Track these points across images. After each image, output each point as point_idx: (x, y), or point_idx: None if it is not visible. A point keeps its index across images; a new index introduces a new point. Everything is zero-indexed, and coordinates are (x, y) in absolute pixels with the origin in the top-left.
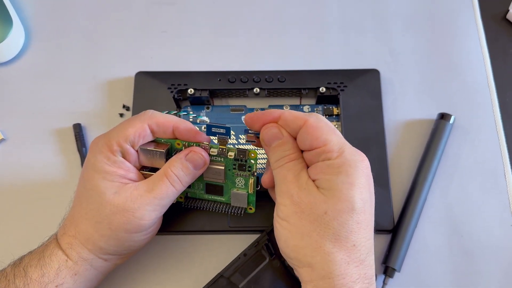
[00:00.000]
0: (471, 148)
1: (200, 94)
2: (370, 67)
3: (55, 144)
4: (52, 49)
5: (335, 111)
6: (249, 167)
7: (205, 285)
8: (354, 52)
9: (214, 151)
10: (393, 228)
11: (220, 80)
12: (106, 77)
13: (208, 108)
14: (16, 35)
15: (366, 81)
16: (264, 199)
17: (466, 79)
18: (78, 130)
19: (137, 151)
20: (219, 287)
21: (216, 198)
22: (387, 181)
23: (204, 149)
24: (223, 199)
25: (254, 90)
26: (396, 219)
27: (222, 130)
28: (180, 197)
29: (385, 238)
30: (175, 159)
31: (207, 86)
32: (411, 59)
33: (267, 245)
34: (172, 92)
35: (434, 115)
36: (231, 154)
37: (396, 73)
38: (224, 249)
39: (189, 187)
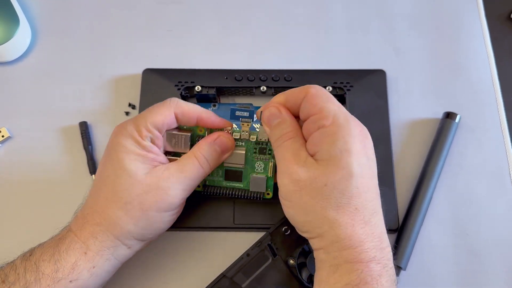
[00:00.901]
0: (477, 147)
1: (207, 92)
2: (375, 66)
3: (61, 142)
4: (58, 47)
5: None
6: (269, 150)
7: (208, 285)
8: (359, 52)
9: (236, 135)
10: (398, 228)
11: (227, 78)
12: (112, 76)
13: (214, 105)
14: (23, 34)
15: (372, 81)
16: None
17: (471, 78)
18: (84, 128)
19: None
20: (222, 287)
21: (234, 184)
22: (392, 180)
23: (228, 132)
24: (242, 185)
25: (261, 88)
26: (401, 219)
27: (245, 113)
28: (198, 186)
29: (390, 238)
30: (204, 143)
31: (214, 84)
32: (416, 59)
33: (270, 245)
34: (179, 89)
35: (439, 114)
36: (253, 137)
37: (401, 72)
38: (229, 246)
39: (208, 175)
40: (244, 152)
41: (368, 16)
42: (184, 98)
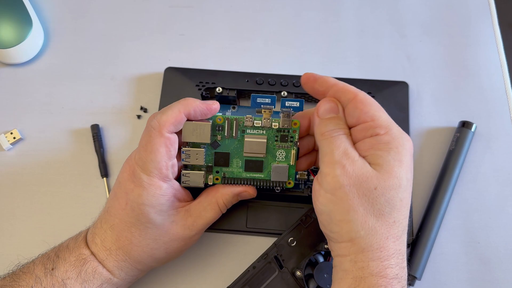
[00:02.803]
0: (490, 156)
1: (227, 94)
2: (388, 73)
3: (73, 144)
4: (70, 49)
5: None
6: (291, 137)
7: None
8: (372, 59)
9: (258, 123)
10: (411, 242)
11: (248, 81)
12: (124, 78)
13: (234, 108)
14: (36, 36)
15: (394, 92)
16: (281, 202)
17: (484, 87)
18: (96, 131)
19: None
20: None
21: (255, 175)
22: None
23: (248, 121)
24: (262, 176)
25: (282, 93)
26: (415, 228)
27: (267, 100)
28: (217, 178)
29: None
30: (228, 192)
31: (235, 86)
32: (429, 66)
33: (276, 257)
34: (200, 89)
35: (452, 123)
36: (276, 125)
37: (413, 79)
38: (241, 250)
39: (227, 166)
40: (265, 140)
41: (380, 23)
42: (204, 98)
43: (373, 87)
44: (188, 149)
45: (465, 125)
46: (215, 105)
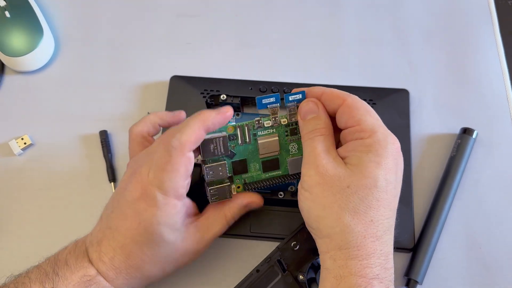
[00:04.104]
0: (492, 162)
1: (232, 101)
2: (389, 80)
3: (82, 150)
4: (80, 58)
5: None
6: None
7: None
8: (374, 66)
9: (268, 123)
10: (413, 247)
11: (251, 88)
12: (132, 85)
13: (238, 115)
14: (47, 44)
15: (396, 100)
16: (284, 207)
17: (485, 93)
18: (104, 137)
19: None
20: None
21: (273, 173)
22: (410, 199)
23: (258, 123)
24: (280, 172)
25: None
26: (417, 234)
27: (272, 99)
28: (238, 187)
29: (406, 257)
30: (236, 206)
31: (239, 94)
32: (430, 73)
33: (280, 260)
34: (204, 97)
35: (453, 129)
36: (284, 120)
37: (415, 86)
38: (244, 254)
39: (245, 172)
40: (277, 138)
41: (382, 30)
42: (209, 106)
43: (374, 95)
44: (211, 165)
45: (466, 132)
46: (228, 112)
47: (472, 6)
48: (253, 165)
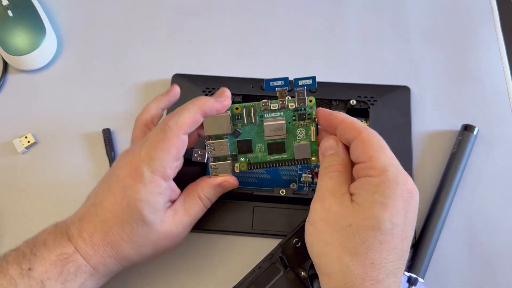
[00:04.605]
0: (493, 158)
1: (233, 99)
2: (390, 78)
3: (85, 148)
4: (83, 56)
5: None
6: (309, 114)
7: None
8: (375, 64)
9: (275, 106)
10: (414, 244)
11: (253, 86)
12: (134, 83)
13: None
14: (49, 43)
15: (396, 97)
16: (286, 204)
17: (486, 90)
18: (107, 135)
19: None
20: None
21: (278, 156)
22: None
23: (265, 105)
24: (286, 156)
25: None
26: (418, 230)
27: (280, 82)
28: (243, 166)
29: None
30: (208, 185)
31: (240, 92)
32: (432, 71)
33: (281, 257)
34: (206, 95)
35: (455, 126)
36: (292, 105)
37: (416, 84)
38: (246, 252)
39: (250, 152)
40: (284, 122)
41: (383, 28)
42: None
43: (375, 92)
44: (212, 141)
45: (467, 129)
46: (226, 101)
47: (473, 3)
48: (258, 146)
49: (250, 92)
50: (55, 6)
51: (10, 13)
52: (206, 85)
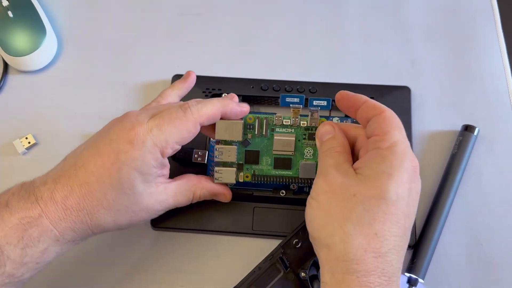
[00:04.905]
0: (493, 159)
1: None
2: (392, 78)
3: None
4: (83, 57)
5: None
6: None
7: None
8: (376, 63)
9: (287, 121)
10: (414, 245)
11: (253, 87)
12: (134, 84)
13: None
14: (49, 44)
15: (397, 97)
16: (287, 205)
17: (487, 91)
18: None
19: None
20: None
21: (283, 172)
22: None
23: (278, 119)
24: (291, 173)
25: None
26: (418, 234)
27: (296, 99)
28: (247, 176)
29: (407, 254)
30: (209, 189)
31: (240, 92)
32: (432, 70)
33: (282, 258)
34: (206, 96)
35: (455, 126)
36: (304, 123)
37: (417, 83)
38: (246, 252)
39: (256, 164)
40: (293, 139)
41: (384, 28)
42: None
43: (376, 92)
44: (221, 146)
45: (467, 129)
46: (245, 108)
47: (474, 3)
48: (265, 159)
49: (250, 93)
50: (55, 7)
51: (10, 14)
52: (206, 85)
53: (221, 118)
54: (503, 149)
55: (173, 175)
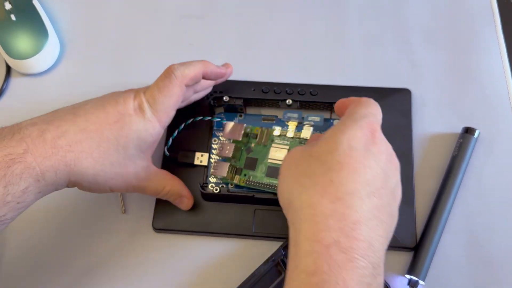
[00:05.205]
0: (493, 161)
1: (234, 102)
2: (392, 80)
3: None
4: (85, 60)
5: None
6: None
7: None
8: (376, 66)
9: (284, 133)
10: (415, 246)
11: (254, 90)
12: (136, 86)
13: (241, 116)
14: (52, 47)
15: (397, 99)
16: None
17: (487, 93)
18: None
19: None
20: None
21: (273, 181)
22: (412, 198)
23: (278, 131)
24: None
25: (287, 101)
26: (419, 233)
27: (295, 115)
28: (242, 181)
29: (407, 256)
30: (178, 190)
31: (241, 95)
32: (432, 73)
33: (283, 260)
34: (208, 98)
35: (455, 129)
36: (298, 135)
37: (417, 85)
38: (246, 254)
39: (253, 170)
40: (287, 148)
41: (384, 31)
42: (212, 107)
43: (376, 95)
44: (223, 142)
45: (468, 131)
46: (224, 70)
47: (474, 6)
48: (260, 167)
49: (251, 95)
50: (57, 10)
51: (13, 17)
52: None
53: (203, 78)
54: (503, 150)
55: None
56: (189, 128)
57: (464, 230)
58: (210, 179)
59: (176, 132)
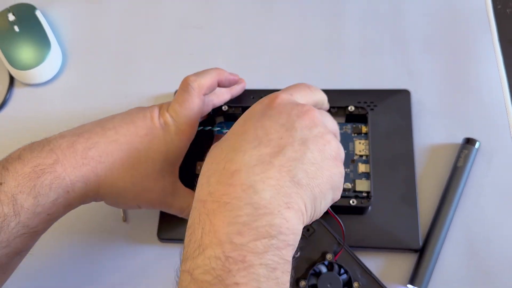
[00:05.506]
0: (492, 171)
1: (233, 111)
2: (389, 87)
3: None
4: (87, 70)
5: (364, 129)
6: None
7: None
8: (374, 73)
9: None
10: (420, 248)
11: (253, 98)
12: (137, 96)
13: None
14: (54, 57)
15: (396, 101)
16: None
17: (485, 102)
18: None
19: None
20: None
21: None
22: (415, 200)
23: None
24: None
25: None
26: (422, 238)
27: None
28: None
29: (412, 258)
30: (185, 207)
31: (240, 104)
32: (430, 82)
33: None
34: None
35: (454, 138)
36: None
37: (415, 95)
38: None
39: None
40: None
41: (382, 39)
42: (211, 116)
43: (375, 96)
44: None
45: (469, 142)
46: (237, 76)
47: (471, 15)
48: None
49: (250, 103)
50: (60, 21)
51: (16, 28)
52: None
53: (218, 86)
54: (501, 161)
55: None
56: None
57: (465, 241)
58: None
59: None
